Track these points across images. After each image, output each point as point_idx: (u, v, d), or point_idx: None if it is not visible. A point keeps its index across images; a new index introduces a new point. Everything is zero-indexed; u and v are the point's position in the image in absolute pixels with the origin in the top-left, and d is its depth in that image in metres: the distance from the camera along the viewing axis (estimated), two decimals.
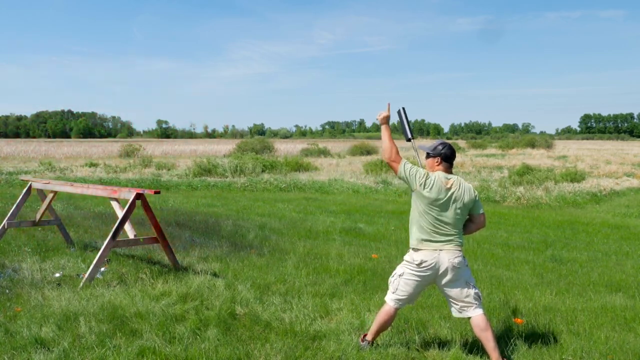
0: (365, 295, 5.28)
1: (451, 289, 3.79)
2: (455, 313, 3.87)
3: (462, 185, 3.82)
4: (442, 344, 4.08)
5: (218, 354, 3.76)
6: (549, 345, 4.08)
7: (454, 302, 3.83)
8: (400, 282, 3.86)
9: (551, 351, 3.97)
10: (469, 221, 3.92)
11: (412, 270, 3.80)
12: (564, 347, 4.03)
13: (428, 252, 3.75)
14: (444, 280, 3.77)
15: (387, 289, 3.98)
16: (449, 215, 3.76)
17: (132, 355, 3.72)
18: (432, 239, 3.75)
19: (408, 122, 4.18)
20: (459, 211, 3.77)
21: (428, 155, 3.97)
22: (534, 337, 4.27)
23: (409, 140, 4.18)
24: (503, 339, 4.17)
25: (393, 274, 3.95)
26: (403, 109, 4.15)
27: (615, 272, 6.85)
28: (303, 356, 3.82)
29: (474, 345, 4.01)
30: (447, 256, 3.73)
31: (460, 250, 3.80)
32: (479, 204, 3.90)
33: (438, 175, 3.82)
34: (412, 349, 3.98)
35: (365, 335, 4.04)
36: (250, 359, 3.77)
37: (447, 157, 3.90)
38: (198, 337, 4.09)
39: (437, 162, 3.91)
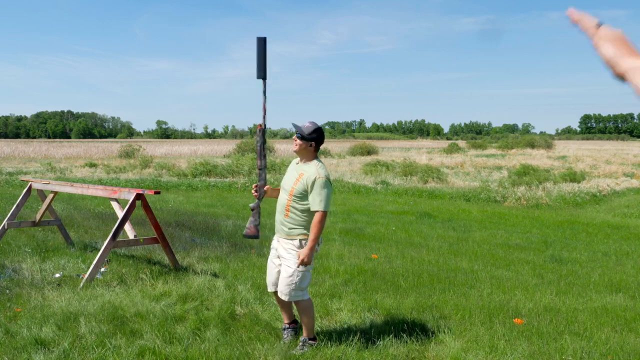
0: (366, 296, 5.27)
1: None
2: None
3: None
4: (442, 344, 4.08)
5: (218, 354, 3.76)
6: (549, 346, 4.08)
7: None
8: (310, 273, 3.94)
9: (551, 351, 3.97)
10: None
11: None
12: (564, 347, 4.03)
13: None
14: None
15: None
16: None
17: (132, 356, 3.72)
18: None
19: (264, 55, 3.67)
20: None
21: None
22: (534, 337, 4.27)
23: (260, 78, 3.76)
24: (503, 339, 4.17)
25: (297, 274, 3.80)
26: (262, 39, 3.64)
27: (615, 273, 6.85)
28: (303, 356, 3.82)
29: (474, 346, 4.01)
30: None
31: None
32: None
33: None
34: (412, 349, 3.98)
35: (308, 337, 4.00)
36: (250, 359, 3.77)
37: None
38: (198, 337, 4.09)
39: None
